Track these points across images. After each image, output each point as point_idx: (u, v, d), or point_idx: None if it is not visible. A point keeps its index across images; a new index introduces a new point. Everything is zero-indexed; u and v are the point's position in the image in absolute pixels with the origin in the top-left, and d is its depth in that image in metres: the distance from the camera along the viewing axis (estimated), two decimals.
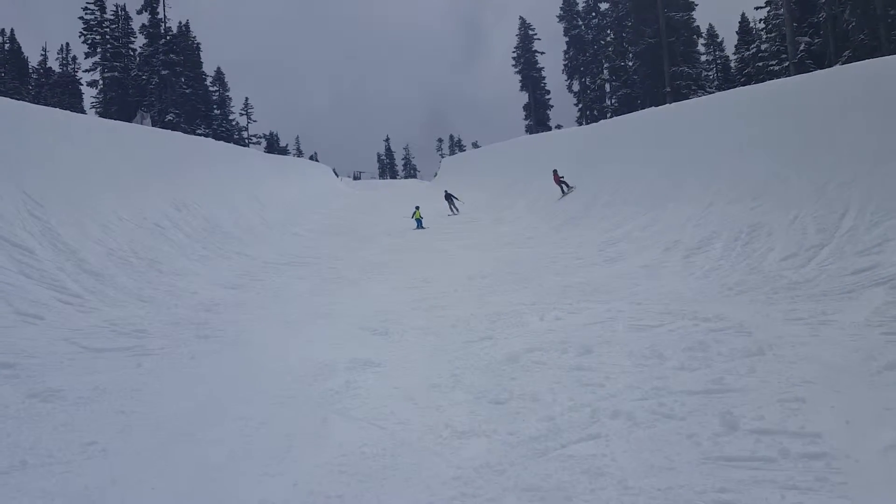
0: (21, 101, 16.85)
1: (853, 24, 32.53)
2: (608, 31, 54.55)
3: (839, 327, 6.59)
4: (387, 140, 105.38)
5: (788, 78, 18.12)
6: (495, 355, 6.94)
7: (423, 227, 23.81)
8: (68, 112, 17.91)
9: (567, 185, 22.75)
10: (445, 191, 29.97)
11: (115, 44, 52.58)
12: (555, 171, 23.43)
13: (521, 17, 64.13)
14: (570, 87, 59.52)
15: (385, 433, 4.99)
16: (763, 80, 26.51)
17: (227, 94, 64.41)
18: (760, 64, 38.92)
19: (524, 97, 63.83)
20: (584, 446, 4.37)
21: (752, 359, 5.86)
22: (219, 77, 64.00)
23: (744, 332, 6.79)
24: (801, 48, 34.74)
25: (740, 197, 12.86)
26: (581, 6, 58.63)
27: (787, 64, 35.05)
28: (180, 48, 53.33)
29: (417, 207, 25.39)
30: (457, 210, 28.22)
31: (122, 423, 5.35)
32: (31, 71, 60.10)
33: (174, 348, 7.87)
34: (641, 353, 6.37)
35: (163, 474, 4.38)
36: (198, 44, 57.10)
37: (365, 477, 4.22)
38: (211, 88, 60.89)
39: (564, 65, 59.34)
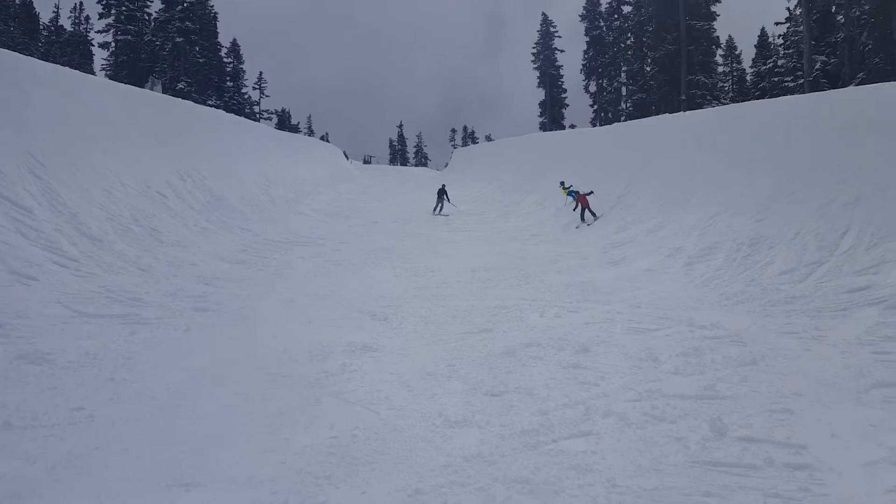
0: (29, 57, 16.68)
1: (870, 46, 32.42)
2: (629, 35, 54.21)
3: (831, 343, 6.63)
4: (400, 126, 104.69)
5: (803, 95, 18.02)
6: (493, 348, 6.97)
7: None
8: (77, 72, 17.79)
9: (592, 213, 18.17)
10: (442, 185, 26.31)
11: (131, 6, 52.06)
12: (583, 195, 18.53)
13: (543, 13, 63.72)
14: (586, 88, 59.23)
15: (377, 418, 5.01)
16: (777, 96, 26.41)
17: (241, 66, 63.93)
18: (776, 79, 38.72)
19: (540, 94, 63.47)
20: (576, 443, 4.40)
21: (744, 368, 5.90)
22: (234, 49, 63.56)
23: (739, 341, 6.83)
24: (817, 67, 34.59)
25: (745, 209, 12.84)
26: (604, 7, 58.22)
27: (802, 81, 34.92)
28: (197, 16, 52.91)
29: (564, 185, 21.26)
30: (441, 211, 24.39)
31: (111, 390, 5.34)
32: (41, 28, 59.61)
33: (170, 319, 7.87)
34: (637, 356, 6.40)
35: (149, 444, 4.38)
36: (215, 13, 56.69)
37: (354, 460, 4.24)
38: (225, 60, 60.41)
39: (583, 64, 59.01)
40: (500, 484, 3.83)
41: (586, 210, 18.25)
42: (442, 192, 25.21)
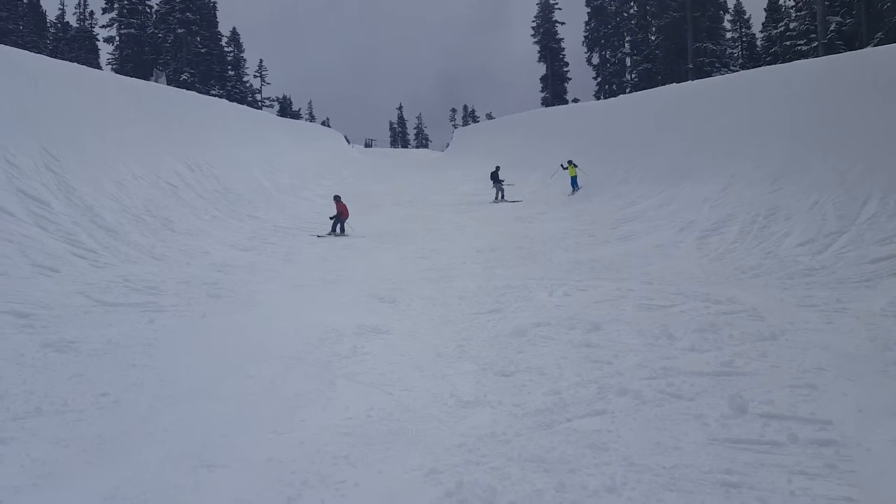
0: (40, 55, 16.76)
1: (888, 4, 31.43)
2: (632, 3, 53.23)
3: (855, 315, 6.52)
4: (399, 108, 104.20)
5: (817, 59, 17.65)
6: (502, 328, 6.93)
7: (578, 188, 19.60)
8: (85, 67, 17.82)
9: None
10: (497, 168, 22.50)
11: (132, 0, 52.05)
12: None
13: None
14: (589, 60, 58.38)
15: (391, 399, 5.02)
16: (790, 61, 25.83)
17: (241, 55, 63.76)
18: (788, 43, 37.85)
19: (541, 68, 62.65)
20: (590, 421, 4.37)
21: (763, 343, 5.82)
22: (234, 38, 63.35)
23: (756, 316, 6.74)
24: (832, 28, 33.71)
25: (759, 179, 12.67)
26: None
27: (815, 44, 34.08)
28: (196, 7, 52.68)
29: (572, 163, 19.73)
30: (503, 197, 21.71)
31: (134, 376, 5.43)
32: (48, 25, 59.73)
33: (186, 306, 7.94)
34: (651, 333, 6.34)
35: (173, 428, 4.44)
36: (214, 3, 56.40)
37: (370, 440, 4.25)
38: (226, 49, 60.28)
39: (585, 36, 58.07)
40: (515, 463, 3.83)
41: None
42: (497, 177, 21.93)
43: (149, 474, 3.75)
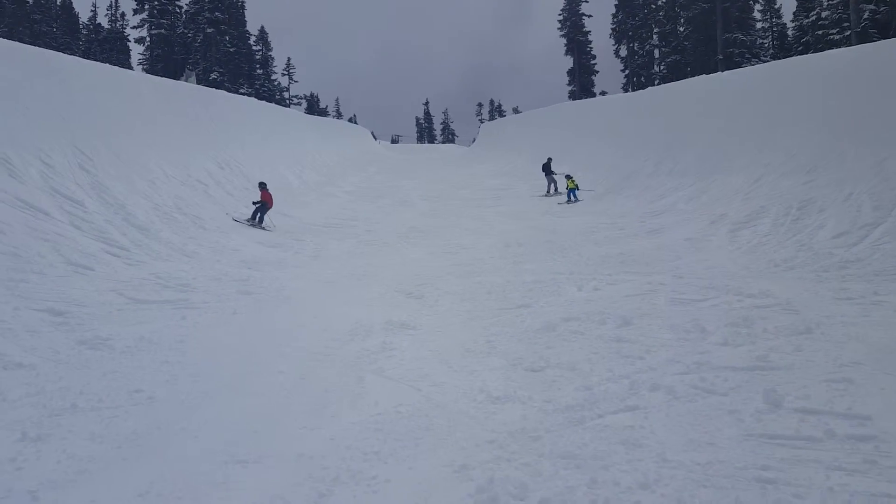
0: (73, 56, 17.17)
1: None
2: None
3: (892, 308, 6.33)
4: (426, 104, 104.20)
5: (849, 48, 17.12)
6: (532, 323, 6.89)
7: (576, 200, 18.11)
8: (117, 67, 18.20)
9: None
10: (549, 160, 20.81)
11: (162, 0, 53.00)
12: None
13: None
14: (617, 53, 57.48)
15: (420, 394, 5.03)
16: (822, 50, 25.12)
17: (269, 53, 64.42)
18: (820, 32, 36.78)
19: (568, 62, 61.96)
20: (622, 417, 4.32)
21: (798, 337, 5.68)
22: (262, 36, 64.01)
23: (791, 309, 6.58)
24: (865, 16, 32.66)
25: (792, 171, 12.36)
26: None
27: (848, 33, 33.07)
28: (225, 6, 53.42)
29: (570, 177, 18.50)
30: (556, 190, 20.38)
31: (167, 372, 5.53)
32: (81, 27, 61.16)
33: (217, 303, 8.06)
34: (683, 327, 6.24)
35: (206, 423, 4.51)
36: (242, 2, 57.10)
37: (400, 435, 4.27)
38: (254, 48, 61.03)
39: (612, 29, 57.20)
40: (547, 459, 3.80)
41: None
42: (549, 169, 20.26)
43: (182, 470, 3.81)
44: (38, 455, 3.94)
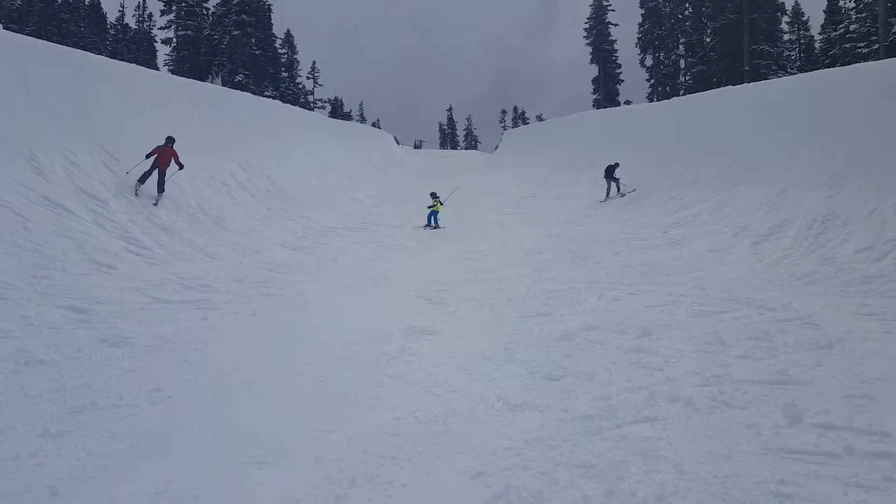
0: (100, 56, 17.52)
1: None
2: (686, 5, 51.93)
3: None
4: (449, 110, 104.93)
5: (877, 62, 16.85)
6: (550, 332, 6.89)
7: (436, 226, 16.59)
8: (143, 68, 18.53)
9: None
10: (615, 164, 19.98)
11: (190, 2, 53.84)
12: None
13: None
14: (642, 62, 57.18)
15: (438, 400, 5.05)
16: (849, 63, 24.77)
17: (295, 56, 65.05)
18: (847, 46, 36.25)
19: (593, 70, 61.76)
20: (640, 428, 4.31)
21: (819, 352, 5.61)
22: (288, 40, 64.68)
23: (812, 324, 6.51)
24: (894, 30, 32.12)
25: (817, 185, 12.20)
26: None
27: (876, 47, 32.57)
28: (252, 9, 54.12)
29: (436, 196, 17.76)
30: (619, 190, 19.56)
31: (186, 372, 5.60)
32: (108, 27, 62.30)
33: (238, 304, 8.17)
34: (703, 339, 6.19)
35: (224, 424, 4.57)
36: (269, 5, 57.78)
37: (417, 441, 4.29)
38: (280, 51, 61.69)
39: (638, 38, 56.94)
40: (563, 468, 3.80)
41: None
42: (612, 173, 19.66)
43: (199, 470, 3.85)
44: (59, 451, 4.01)
